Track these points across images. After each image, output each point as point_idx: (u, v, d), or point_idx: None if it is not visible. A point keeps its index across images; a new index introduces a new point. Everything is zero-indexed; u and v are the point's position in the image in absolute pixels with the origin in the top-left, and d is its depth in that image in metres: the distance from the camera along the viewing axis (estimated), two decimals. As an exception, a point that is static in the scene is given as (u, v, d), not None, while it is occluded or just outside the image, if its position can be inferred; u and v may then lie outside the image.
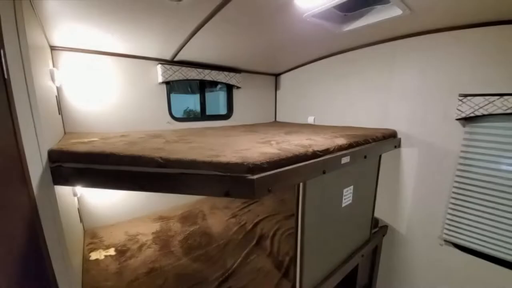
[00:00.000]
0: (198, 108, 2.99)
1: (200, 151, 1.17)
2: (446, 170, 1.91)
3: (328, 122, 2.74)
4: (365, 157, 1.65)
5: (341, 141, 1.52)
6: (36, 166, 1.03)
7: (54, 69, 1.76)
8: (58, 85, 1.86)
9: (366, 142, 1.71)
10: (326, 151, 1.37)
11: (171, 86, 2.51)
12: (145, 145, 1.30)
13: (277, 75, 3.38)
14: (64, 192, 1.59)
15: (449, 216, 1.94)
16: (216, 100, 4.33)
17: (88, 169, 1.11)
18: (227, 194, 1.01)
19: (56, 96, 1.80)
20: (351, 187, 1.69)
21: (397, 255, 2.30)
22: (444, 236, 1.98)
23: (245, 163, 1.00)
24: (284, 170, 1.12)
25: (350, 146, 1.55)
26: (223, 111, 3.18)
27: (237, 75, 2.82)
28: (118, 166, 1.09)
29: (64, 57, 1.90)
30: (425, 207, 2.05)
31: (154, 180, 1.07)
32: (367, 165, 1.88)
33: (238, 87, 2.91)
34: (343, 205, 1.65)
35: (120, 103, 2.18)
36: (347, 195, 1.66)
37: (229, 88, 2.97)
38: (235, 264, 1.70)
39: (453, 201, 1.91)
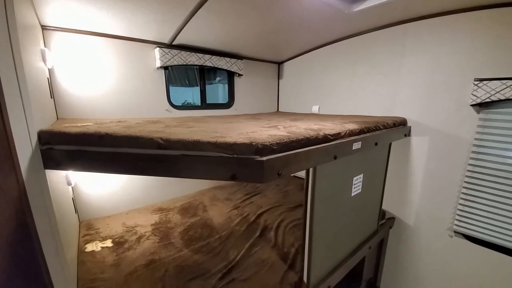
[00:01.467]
0: (196, 101, 2.89)
1: (203, 134, 1.08)
2: (458, 159, 1.83)
3: (333, 112, 2.65)
4: (376, 144, 1.57)
5: (352, 126, 1.43)
6: (24, 148, 0.94)
7: (46, 49, 1.65)
8: (50, 67, 1.75)
9: (377, 128, 1.63)
10: (337, 135, 1.28)
11: (169, 76, 2.39)
12: (143, 129, 1.20)
13: (280, 63, 3.27)
14: (57, 180, 1.49)
15: (460, 207, 1.87)
16: (215, 93, 4.20)
17: (81, 151, 1.01)
18: (233, 178, 0.92)
19: (47, 79, 1.69)
20: (361, 175, 1.61)
21: (403, 247, 2.24)
22: (455, 227, 1.91)
23: (254, 144, 0.91)
24: (295, 152, 1.03)
25: (361, 131, 1.46)
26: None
27: (239, 61, 2.71)
28: (114, 148, 1.00)
29: (56, 38, 1.78)
30: (435, 197, 1.98)
31: (154, 163, 0.97)
32: (377, 154, 1.80)
33: (239, 75, 2.80)
34: (353, 194, 1.57)
35: (116, 88, 2.07)
36: (357, 184, 1.59)
37: (230, 76, 2.86)
38: (239, 256, 1.63)
39: (465, 191, 1.84)
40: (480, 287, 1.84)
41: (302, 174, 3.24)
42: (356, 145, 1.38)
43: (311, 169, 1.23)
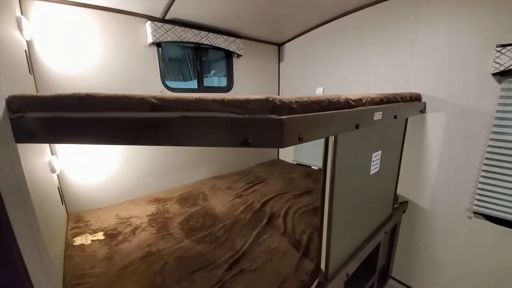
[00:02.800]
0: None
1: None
2: (478, 134, 1.70)
3: (340, 92, 2.48)
4: (395, 117, 1.42)
5: (373, 94, 1.28)
6: (-11, 117, 0.75)
7: (22, 17, 1.45)
8: (28, 39, 1.55)
9: (396, 100, 1.48)
10: (359, 102, 1.13)
11: (162, 70, 2.19)
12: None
13: (280, 45, 3.08)
14: (38, 166, 1.31)
15: (480, 186, 1.74)
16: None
17: (58, 118, 0.83)
18: (245, 143, 0.75)
19: (25, 51, 1.50)
20: (379, 152, 1.46)
21: (418, 233, 2.11)
22: (474, 208, 1.79)
23: (270, 99, 0.75)
24: (317, 115, 0.87)
25: (381, 101, 1.31)
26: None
27: (238, 40, 2.52)
28: (97, 112, 0.82)
29: (35, 7, 1.58)
30: (453, 177, 1.85)
31: (147, 129, 0.80)
32: (394, 130, 1.66)
33: (238, 55, 2.62)
34: (371, 172, 1.42)
35: (103, 66, 1.87)
36: (375, 162, 1.44)
37: (228, 57, 2.67)
38: (246, 245, 1.47)
39: (485, 168, 1.71)
40: (500, 268, 1.72)
41: (306, 161, 3.11)
42: (377, 115, 1.23)
43: (331, 140, 1.07)
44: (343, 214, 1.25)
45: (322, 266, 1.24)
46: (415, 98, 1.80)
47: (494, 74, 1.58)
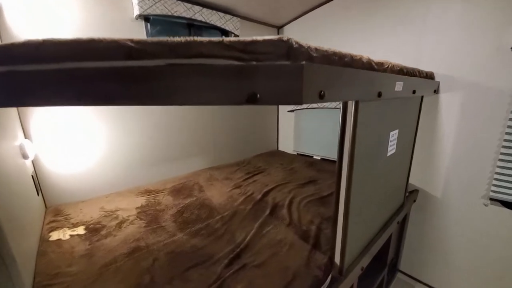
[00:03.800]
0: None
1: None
2: (496, 115, 1.56)
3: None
4: (414, 92, 1.27)
5: (393, 62, 1.12)
6: None
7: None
8: None
9: (414, 74, 1.33)
10: (381, 66, 0.96)
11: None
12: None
13: (279, 28, 2.89)
14: (2, 149, 1.11)
15: (498, 170, 1.61)
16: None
17: (13, 72, 0.63)
18: (252, 99, 0.58)
19: None
20: (397, 131, 1.30)
21: (428, 223, 1.97)
22: (491, 194, 1.65)
23: (285, 40, 0.57)
24: (340, 69, 0.70)
25: (401, 71, 1.15)
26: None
27: (234, 19, 2.32)
28: (59, 63, 0.63)
29: (-2, -31, 1.36)
30: (468, 163, 1.72)
31: (123, 83, 0.61)
32: (410, 107, 1.51)
33: (235, 35, 2.42)
34: (388, 153, 1.27)
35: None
36: (393, 141, 1.28)
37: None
38: (248, 238, 1.30)
39: (504, 150, 1.57)
40: None
41: (307, 151, 2.95)
42: (399, 86, 1.07)
43: (350, 108, 0.90)
44: (360, 199, 1.09)
45: (337, 260, 1.08)
46: (429, 76, 1.65)
47: (515, 48, 1.44)
